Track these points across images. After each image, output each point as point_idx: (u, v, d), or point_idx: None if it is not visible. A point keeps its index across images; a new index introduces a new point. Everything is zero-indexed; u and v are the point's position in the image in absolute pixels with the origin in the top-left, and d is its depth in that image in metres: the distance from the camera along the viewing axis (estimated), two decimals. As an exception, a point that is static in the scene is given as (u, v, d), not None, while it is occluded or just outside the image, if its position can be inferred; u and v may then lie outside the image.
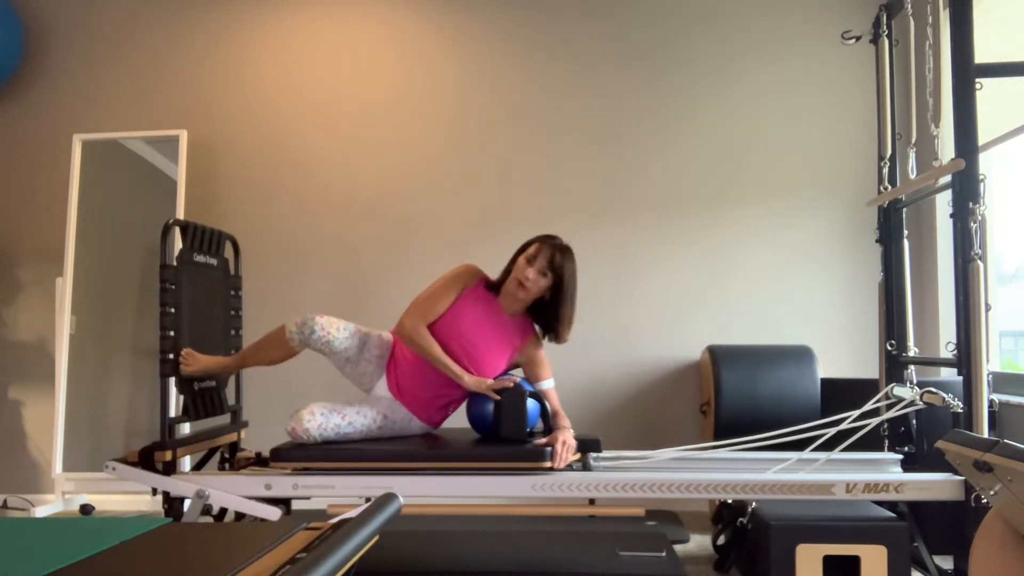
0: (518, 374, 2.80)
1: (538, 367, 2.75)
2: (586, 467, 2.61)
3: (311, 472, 2.52)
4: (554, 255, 2.63)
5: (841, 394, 3.43)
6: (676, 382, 3.96)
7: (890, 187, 3.07)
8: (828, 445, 2.67)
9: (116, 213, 4.00)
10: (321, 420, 2.54)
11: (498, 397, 2.58)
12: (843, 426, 2.68)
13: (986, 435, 2.28)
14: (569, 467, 2.57)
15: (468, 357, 2.65)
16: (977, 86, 2.46)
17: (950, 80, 2.50)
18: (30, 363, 4.13)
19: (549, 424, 2.60)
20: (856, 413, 2.69)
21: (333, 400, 2.67)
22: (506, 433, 2.55)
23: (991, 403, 2.40)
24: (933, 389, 2.69)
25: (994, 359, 2.91)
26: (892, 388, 2.86)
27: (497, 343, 2.69)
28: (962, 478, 2.37)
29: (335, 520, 1.38)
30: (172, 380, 2.67)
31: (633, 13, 4.07)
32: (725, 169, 4.01)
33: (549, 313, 2.72)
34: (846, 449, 2.69)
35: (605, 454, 2.73)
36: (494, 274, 2.81)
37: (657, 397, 3.96)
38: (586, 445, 2.68)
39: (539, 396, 2.64)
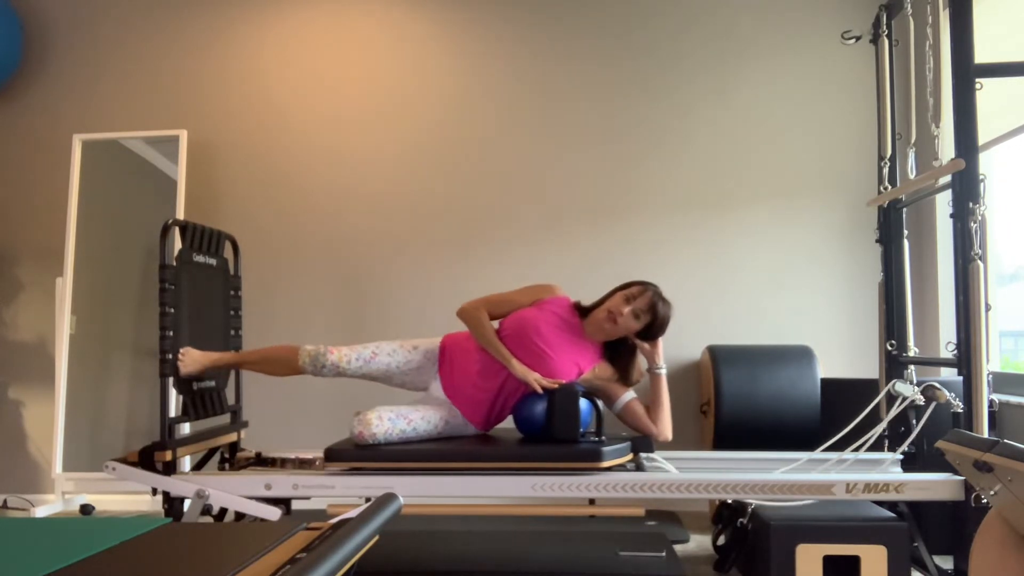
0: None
1: (615, 386, 2.76)
2: (639, 467, 2.60)
3: (364, 472, 2.51)
4: (657, 304, 2.64)
5: (841, 394, 3.43)
6: (676, 382, 3.96)
7: (890, 187, 3.07)
8: (830, 448, 2.68)
9: (116, 213, 4.00)
10: (388, 425, 2.55)
11: (540, 390, 2.56)
12: (845, 431, 2.69)
13: (986, 435, 2.28)
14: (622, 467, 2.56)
15: (537, 359, 2.62)
16: (977, 86, 2.46)
17: (950, 80, 2.50)
18: (30, 363, 4.13)
19: (600, 425, 2.59)
20: (858, 419, 2.70)
21: (396, 402, 2.71)
22: (558, 434, 2.52)
23: (991, 403, 2.40)
24: (935, 384, 2.68)
25: (994, 359, 2.91)
26: (894, 384, 2.86)
27: (569, 355, 2.66)
28: (962, 478, 2.37)
29: (335, 520, 1.38)
30: (172, 380, 2.67)
31: (632, 13, 4.07)
32: (725, 169, 4.01)
33: (627, 355, 2.75)
34: (846, 450, 2.70)
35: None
36: (493, 280, 2.83)
37: (657, 397, 3.96)
38: (638, 445, 2.66)
39: (591, 396, 2.62)
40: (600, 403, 2.62)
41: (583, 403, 2.57)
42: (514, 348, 2.64)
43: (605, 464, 2.45)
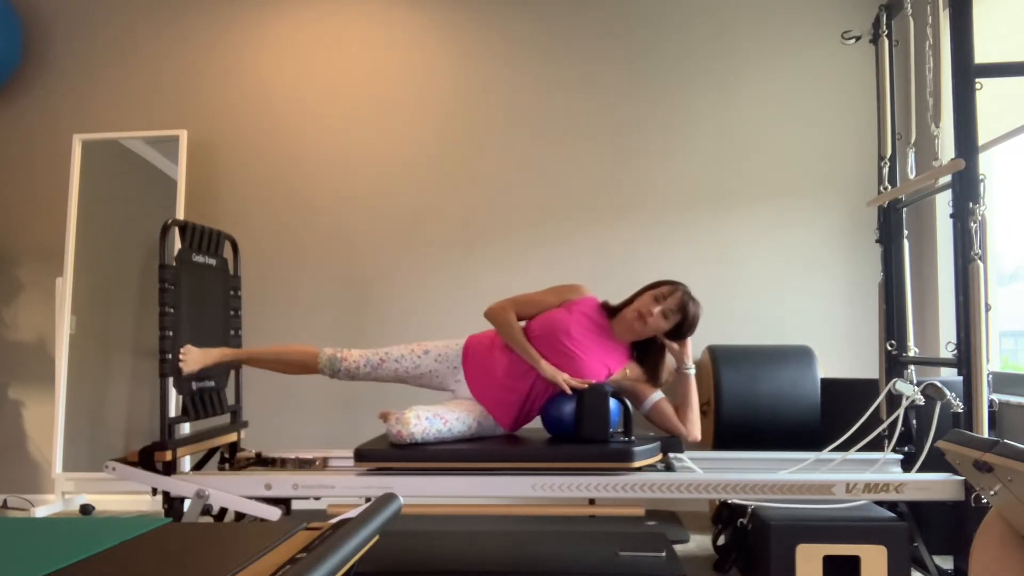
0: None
1: (643, 387, 2.75)
2: (669, 467, 2.59)
3: (395, 472, 2.51)
4: (687, 304, 2.64)
5: (841, 394, 3.43)
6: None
7: (890, 187, 3.07)
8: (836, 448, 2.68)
9: (116, 213, 4.00)
10: (425, 424, 2.55)
11: (569, 391, 2.55)
12: (851, 430, 2.69)
13: (986, 435, 2.28)
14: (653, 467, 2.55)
15: (566, 360, 2.61)
16: (977, 86, 2.46)
17: (950, 80, 2.50)
18: (30, 363, 4.13)
19: (630, 425, 2.58)
20: (863, 419, 2.70)
21: (432, 402, 2.73)
22: (588, 434, 2.51)
23: (991, 403, 2.40)
24: (937, 383, 2.68)
25: (994, 359, 2.91)
26: (895, 384, 2.86)
27: (598, 356, 2.65)
28: (962, 478, 2.37)
29: (335, 520, 1.38)
30: (172, 380, 2.67)
31: (633, 12, 4.07)
32: (725, 169, 4.01)
33: (656, 355, 2.74)
34: (847, 450, 2.70)
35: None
36: (493, 278, 2.82)
37: (657, 397, 3.96)
38: (667, 445, 2.66)
39: (619, 395, 2.61)
40: (628, 403, 2.61)
41: (612, 403, 2.56)
42: (543, 349, 2.63)
43: (636, 464, 2.45)
